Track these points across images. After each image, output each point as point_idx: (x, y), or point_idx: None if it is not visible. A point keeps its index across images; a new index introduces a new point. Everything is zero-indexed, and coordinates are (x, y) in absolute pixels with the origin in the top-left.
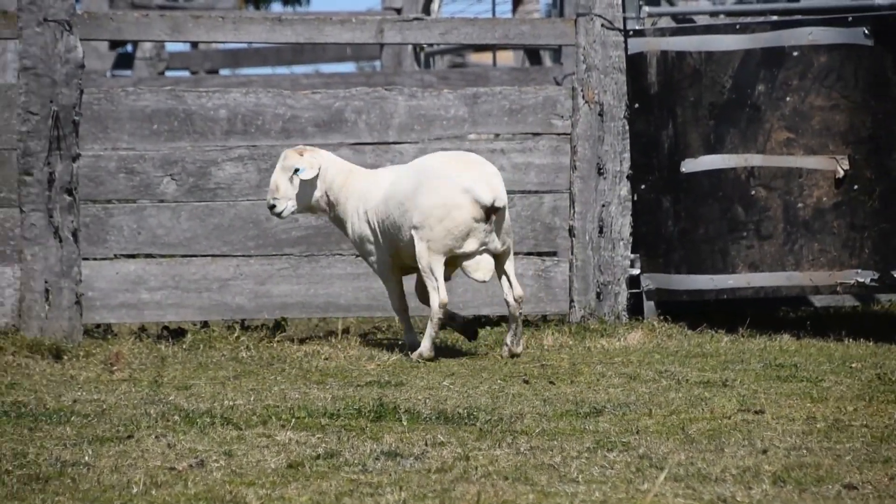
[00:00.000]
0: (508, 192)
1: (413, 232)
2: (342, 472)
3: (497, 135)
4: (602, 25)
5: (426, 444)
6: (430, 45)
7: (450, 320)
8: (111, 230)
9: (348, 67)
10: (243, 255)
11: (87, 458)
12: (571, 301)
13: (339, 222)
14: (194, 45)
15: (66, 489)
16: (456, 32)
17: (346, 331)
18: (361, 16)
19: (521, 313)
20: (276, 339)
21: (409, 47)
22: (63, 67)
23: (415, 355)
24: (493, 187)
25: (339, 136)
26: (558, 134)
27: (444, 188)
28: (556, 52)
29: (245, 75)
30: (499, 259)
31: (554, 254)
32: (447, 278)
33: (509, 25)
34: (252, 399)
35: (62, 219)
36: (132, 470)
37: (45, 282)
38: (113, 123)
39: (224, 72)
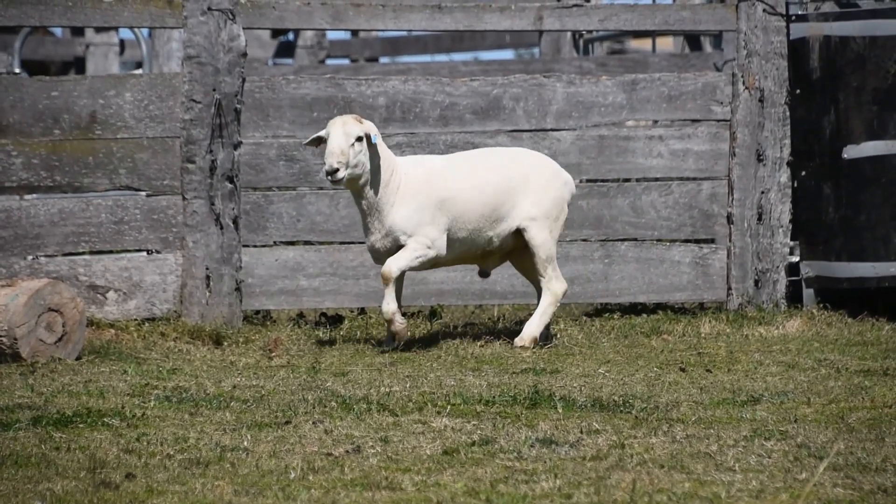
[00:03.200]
0: (667, 179)
1: (530, 223)
2: (497, 459)
3: (655, 121)
4: (764, 10)
5: (581, 432)
6: (589, 31)
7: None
8: (271, 217)
9: (507, 55)
10: None
11: (245, 443)
12: (729, 289)
13: (378, 211)
14: (354, 33)
15: (226, 473)
16: (615, 19)
17: (501, 317)
18: (520, 3)
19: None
20: (432, 325)
21: (568, 34)
22: (226, 56)
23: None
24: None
25: (497, 124)
26: (717, 120)
27: (557, 181)
28: (717, 38)
29: (404, 63)
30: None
31: (712, 241)
32: (488, 272)
33: (669, 11)
34: (408, 385)
35: (223, 206)
36: (290, 455)
37: (207, 268)
38: (274, 111)
39: (384, 59)
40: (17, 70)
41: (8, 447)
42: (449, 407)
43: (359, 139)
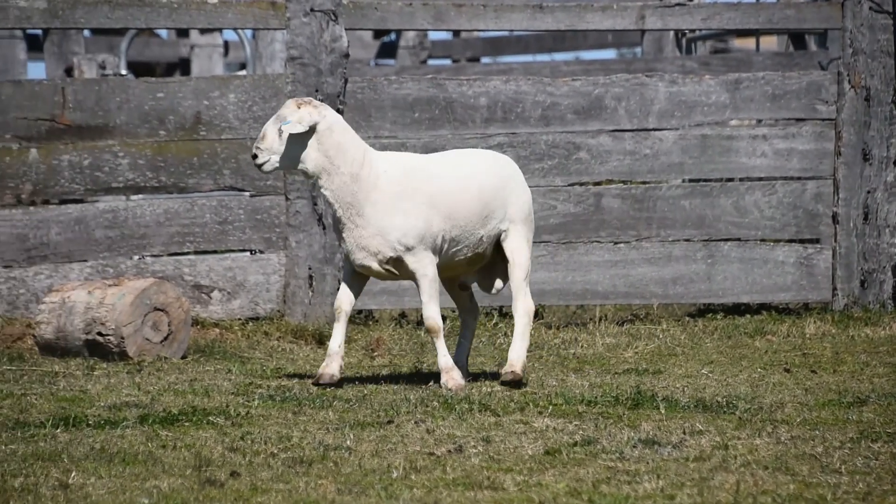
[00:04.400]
0: (770, 178)
1: (510, 226)
2: (599, 460)
3: (759, 121)
4: (870, 8)
5: (684, 433)
6: (692, 30)
7: None
8: None
9: (609, 54)
10: None
11: (348, 442)
12: (834, 289)
13: (351, 206)
14: (456, 33)
15: (329, 472)
16: (718, 18)
17: (603, 318)
18: (622, 2)
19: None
20: (533, 325)
21: (671, 33)
22: (328, 57)
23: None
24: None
25: (599, 123)
26: (822, 119)
27: (526, 187)
28: (822, 37)
29: (505, 63)
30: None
31: (816, 241)
32: (468, 284)
33: (773, 10)
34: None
35: (326, 206)
36: (392, 454)
37: (309, 268)
38: (376, 112)
39: (485, 60)
40: (124, 72)
41: (116, 445)
42: (551, 407)
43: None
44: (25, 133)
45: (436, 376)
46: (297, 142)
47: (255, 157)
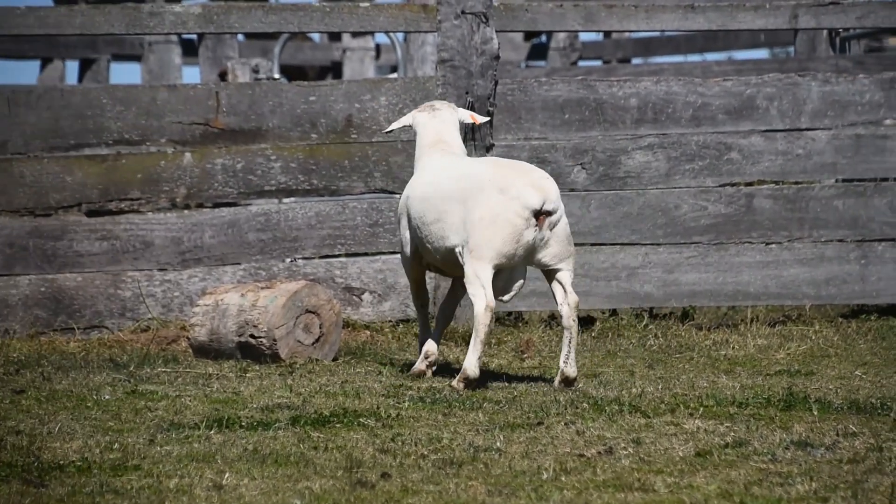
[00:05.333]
0: None
1: (461, 245)
2: (751, 462)
3: None
4: None
5: (837, 435)
6: (846, 29)
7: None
8: None
9: (761, 54)
10: (652, 244)
11: (498, 443)
12: None
13: None
14: (607, 34)
15: (479, 474)
16: (873, 16)
17: (754, 319)
18: (775, 1)
19: (575, 322)
20: (684, 327)
21: (824, 32)
22: (479, 59)
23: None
24: (541, 189)
25: (750, 124)
26: None
27: (490, 196)
28: None
29: (656, 63)
30: (551, 272)
31: None
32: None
33: None
34: (660, 387)
35: None
36: (542, 456)
37: None
38: (526, 113)
39: (636, 60)
40: (277, 75)
41: (268, 446)
42: (701, 409)
43: None
44: (180, 137)
45: (585, 377)
46: (415, 139)
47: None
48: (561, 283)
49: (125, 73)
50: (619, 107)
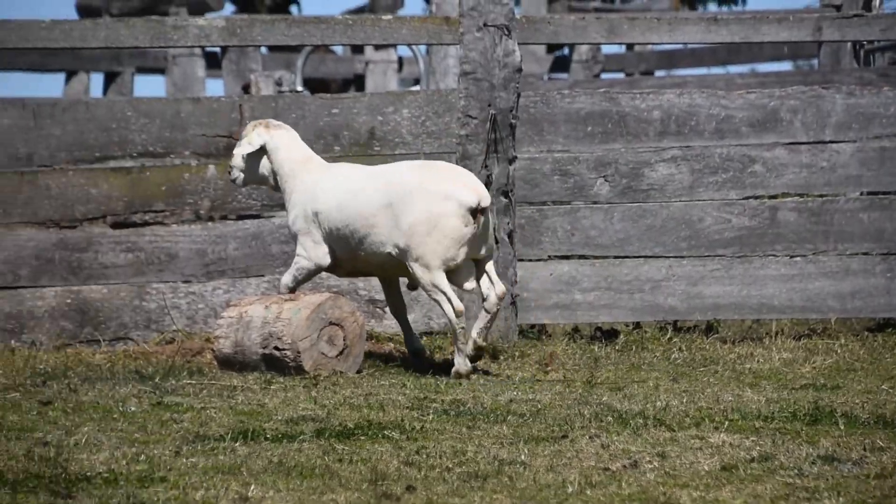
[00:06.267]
0: None
1: (398, 252)
2: (777, 476)
3: None
4: None
5: (865, 449)
6: (870, 42)
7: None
8: (545, 232)
9: (785, 66)
10: (675, 256)
11: (523, 456)
12: None
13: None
14: (629, 46)
15: (504, 487)
16: None
17: (779, 332)
18: (798, 14)
19: (499, 310)
20: (708, 340)
21: (848, 45)
22: (501, 71)
23: (453, 372)
24: (473, 188)
25: (774, 136)
26: None
27: (423, 201)
28: None
29: (679, 76)
30: (482, 262)
31: None
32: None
33: None
34: (685, 400)
35: (499, 220)
36: (567, 469)
37: None
38: (548, 126)
39: (659, 73)
40: (300, 88)
41: (293, 458)
42: (727, 422)
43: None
44: (204, 149)
45: (609, 390)
46: (254, 159)
47: (229, 173)
48: (488, 274)
49: (149, 86)
50: (642, 119)
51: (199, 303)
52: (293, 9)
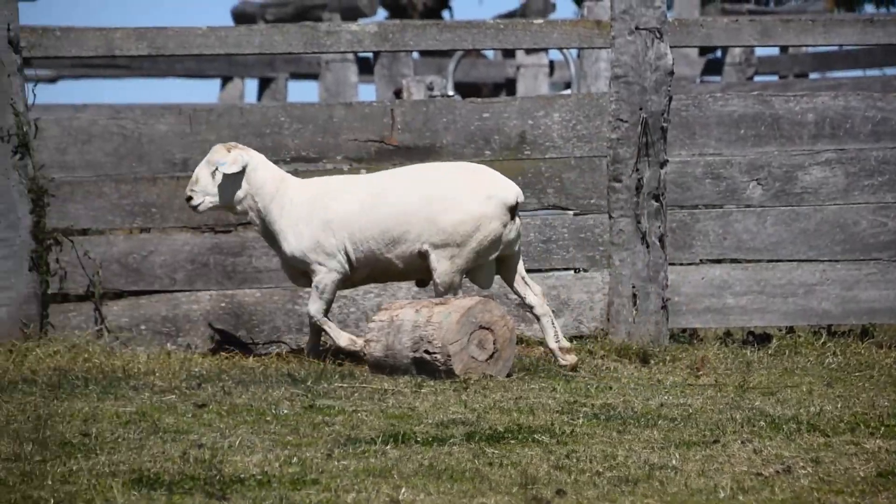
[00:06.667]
0: None
1: (431, 250)
2: None
3: None
4: None
5: None
6: None
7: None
8: (697, 235)
9: None
10: (829, 260)
11: (674, 461)
12: None
13: (269, 235)
14: (783, 49)
15: (654, 491)
16: None
17: None
18: None
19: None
20: (863, 344)
21: None
22: (653, 75)
23: None
24: (507, 185)
25: None
26: None
27: (466, 202)
28: None
29: (834, 78)
30: (510, 261)
31: None
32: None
33: None
34: (839, 406)
35: (649, 224)
36: (718, 474)
37: (633, 286)
38: (700, 129)
39: (813, 75)
40: (451, 92)
41: (443, 461)
42: (883, 428)
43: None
44: (356, 154)
45: (762, 395)
46: (231, 181)
47: (189, 199)
48: (522, 277)
49: (303, 92)
50: (796, 122)
51: (350, 307)
52: (445, 14)
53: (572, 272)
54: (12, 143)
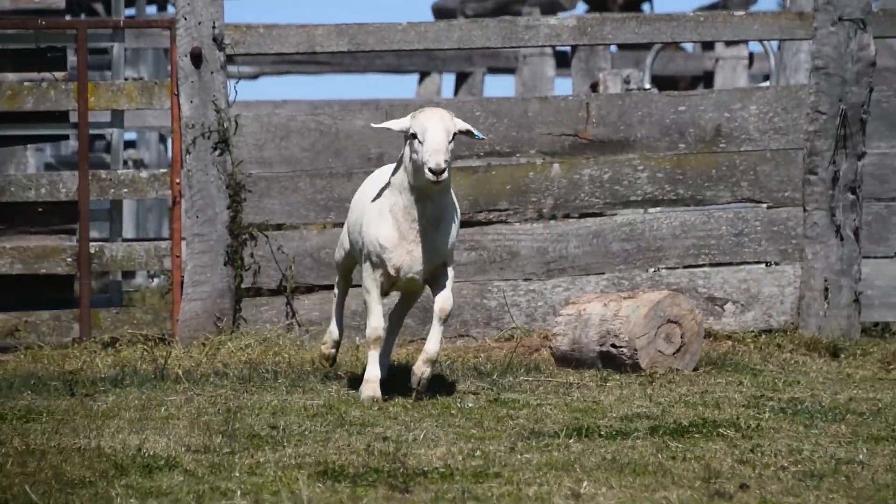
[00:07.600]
0: None
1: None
2: None
3: None
4: None
5: None
6: None
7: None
8: (893, 228)
9: None
10: None
11: (861, 456)
12: None
13: (434, 217)
14: None
15: (840, 486)
16: None
17: None
18: None
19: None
20: None
21: None
22: (854, 66)
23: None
24: None
25: None
26: None
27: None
28: None
29: None
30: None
31: None
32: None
33: None
34: None
35: (844, 217)
36: None
37: (825, 280)
38: None
39: None
40: (647, 86)
41: (626, 455)
42: None
43: (465, 133)
44: (549, 148)
45: None
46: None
47: (444, 171)
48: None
49: (499, 86)
50: None
51: (538, 300)
52: (645, 7)
53: (763, 266)
54: (213, 139)
